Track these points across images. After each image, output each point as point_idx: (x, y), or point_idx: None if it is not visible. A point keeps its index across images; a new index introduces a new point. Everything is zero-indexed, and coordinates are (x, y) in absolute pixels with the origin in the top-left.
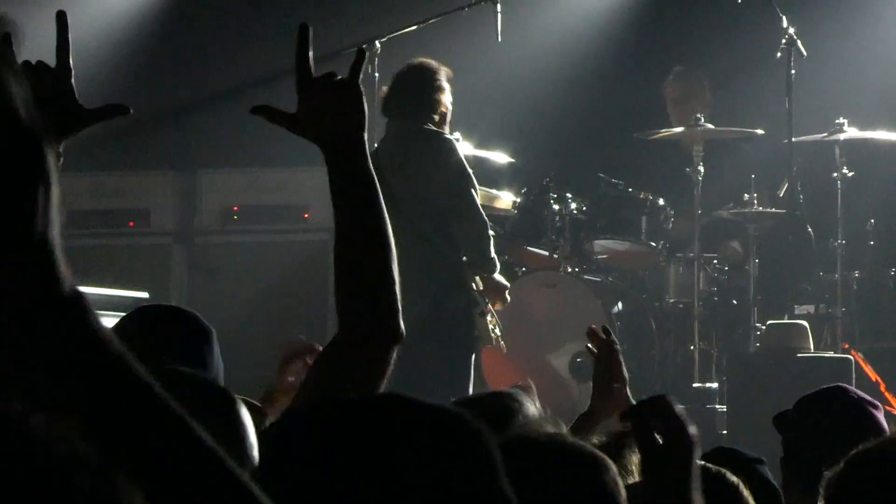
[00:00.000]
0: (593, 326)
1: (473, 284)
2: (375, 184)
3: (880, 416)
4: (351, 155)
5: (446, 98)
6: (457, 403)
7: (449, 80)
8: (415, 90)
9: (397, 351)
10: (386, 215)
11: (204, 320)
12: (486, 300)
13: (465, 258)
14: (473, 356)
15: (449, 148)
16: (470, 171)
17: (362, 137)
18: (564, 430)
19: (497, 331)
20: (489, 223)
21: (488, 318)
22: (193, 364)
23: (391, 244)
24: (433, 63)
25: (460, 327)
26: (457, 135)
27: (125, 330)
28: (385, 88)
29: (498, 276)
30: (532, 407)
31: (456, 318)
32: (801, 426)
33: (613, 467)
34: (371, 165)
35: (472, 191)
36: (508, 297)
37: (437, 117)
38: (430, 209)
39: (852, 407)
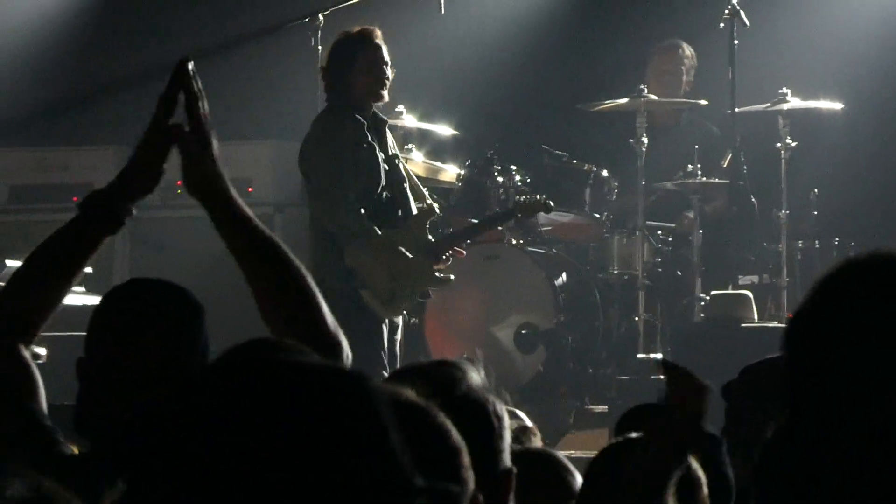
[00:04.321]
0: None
1: (373, 256)
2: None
3: None
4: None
5: (368, 62)
6: (401, 371)
7: (367, 36)
8: (331, 70)
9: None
10: (274, 243)
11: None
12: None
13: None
14: (369, 330)
15: (321, 122)
16: (331, 140)
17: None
18: (508, 400)
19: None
20: (343, 191)
21: (372, 287)
22: (189, 340)
23: (288, 265)
24: (347, 34)
25: (339, 303)
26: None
27: (122, 303)
28: None
29: (384, 235)
30: (477, 376)
31: (335, 296)
32: (744, 395)
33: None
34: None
35: (327, 160)
36: (408, 254)
37: (357, 91)
38: (312, 188)
39: None
